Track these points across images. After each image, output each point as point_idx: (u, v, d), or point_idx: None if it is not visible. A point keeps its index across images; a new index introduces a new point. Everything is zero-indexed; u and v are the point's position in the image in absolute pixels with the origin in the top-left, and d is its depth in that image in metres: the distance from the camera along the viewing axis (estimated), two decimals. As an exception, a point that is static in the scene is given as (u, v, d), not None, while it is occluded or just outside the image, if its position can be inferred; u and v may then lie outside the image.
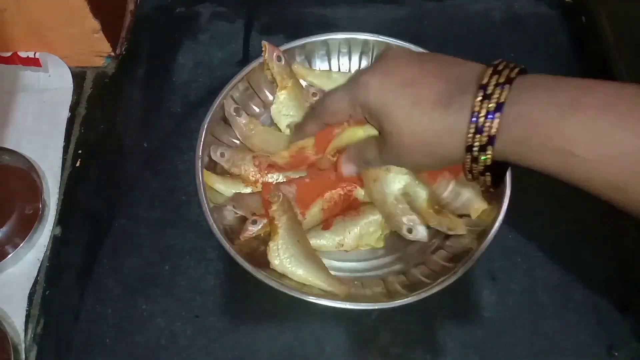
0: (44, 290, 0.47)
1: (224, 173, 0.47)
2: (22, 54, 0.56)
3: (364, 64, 0.53)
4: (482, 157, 0.32)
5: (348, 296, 0.41)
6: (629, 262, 0.47)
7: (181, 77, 0.57)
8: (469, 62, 0.34)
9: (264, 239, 0.43)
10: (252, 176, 0.46)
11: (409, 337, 0.44)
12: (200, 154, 0.45)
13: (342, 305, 0.40)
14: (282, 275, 0.41)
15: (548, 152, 0.29)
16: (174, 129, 0.54)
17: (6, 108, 0.55)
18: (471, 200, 0.43)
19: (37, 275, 0.47)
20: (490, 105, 0.30)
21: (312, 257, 0.42)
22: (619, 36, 0.56)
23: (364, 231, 0.44)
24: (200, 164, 0.45)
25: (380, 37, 0.51)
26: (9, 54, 0.56)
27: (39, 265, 0.47)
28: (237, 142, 0.50)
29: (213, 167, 0.47)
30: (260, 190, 0.46)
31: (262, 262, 0.42)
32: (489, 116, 0.30)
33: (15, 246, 0.47)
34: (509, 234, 0.41)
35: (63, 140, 0.53)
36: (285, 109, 0.49)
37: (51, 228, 0.49)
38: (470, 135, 0.31)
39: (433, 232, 0.44)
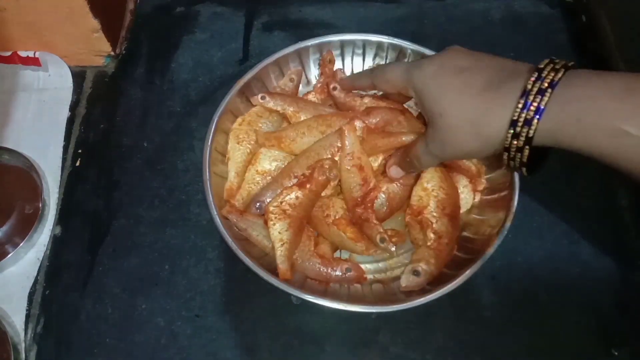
0: (44, 290, 0.47)
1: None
2: (22, 54, 0.56)
3: (358, 64, 0.53)
4: (525, 131, 0.32)
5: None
6: (629, 262, 0.47)
7: (181, 77, 0.57)
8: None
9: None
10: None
11: (409, 337, 0.44)
12: (210, 142, 0.45)
13: (342, 306, 0.40)
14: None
15: (601, 132, 0.30)
16: (174, 128, 0.54)
17: (6, 107, 0.55)
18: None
19: (37, 275, 0.47)
20: (544, 84, 0.31)
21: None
22: (619, 36, 0.56)
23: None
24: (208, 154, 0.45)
25: (370, 35, 0.50)
26: (8, 53, 0.56)
27: (39, 264, 0.48)
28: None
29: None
30: None
31: (261, 260, 0.42)
32: (540, 94, 0.31)
33: (15, 245, 0.47)
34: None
35: (63, 139, 0.53)
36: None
37: (51, 227, 0.49)
38: (517, 109, 0.32)
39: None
